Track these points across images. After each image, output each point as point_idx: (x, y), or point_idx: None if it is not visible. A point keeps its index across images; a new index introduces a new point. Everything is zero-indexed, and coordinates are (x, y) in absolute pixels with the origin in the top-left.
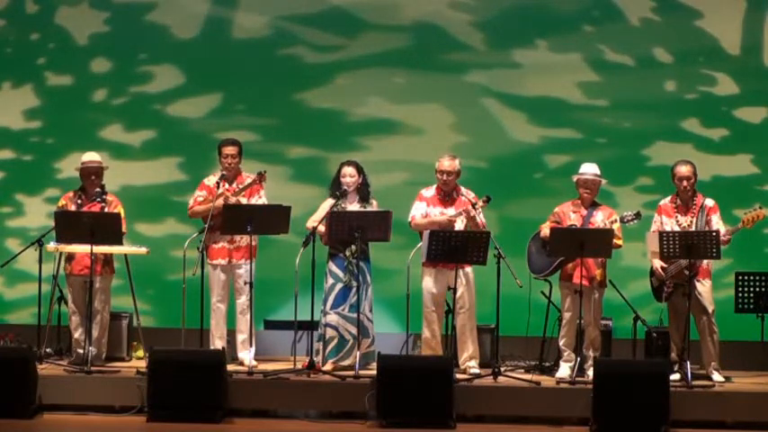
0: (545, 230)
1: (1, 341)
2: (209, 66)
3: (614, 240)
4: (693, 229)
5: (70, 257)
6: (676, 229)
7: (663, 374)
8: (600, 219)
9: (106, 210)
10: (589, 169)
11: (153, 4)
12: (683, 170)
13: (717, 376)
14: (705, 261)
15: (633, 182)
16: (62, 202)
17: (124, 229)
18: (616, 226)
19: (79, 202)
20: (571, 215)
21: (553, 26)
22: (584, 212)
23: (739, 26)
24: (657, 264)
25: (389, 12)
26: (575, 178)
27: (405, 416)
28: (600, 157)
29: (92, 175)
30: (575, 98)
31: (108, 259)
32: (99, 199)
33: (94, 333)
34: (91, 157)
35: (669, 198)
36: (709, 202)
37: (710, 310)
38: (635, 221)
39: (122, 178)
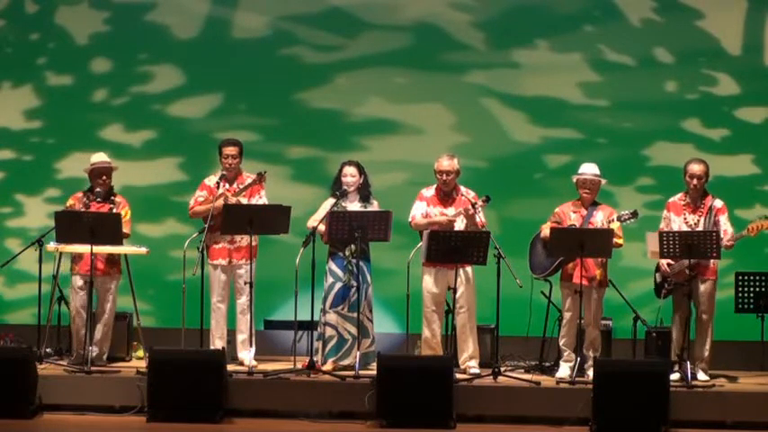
0: (545, 231)
1: (1, 341)
2: (209, 66)
3: (615, 240)
4: (701, 228)
5: (78, 258)
6: (684, 227)
7: (663, 374)
8: (600, 218)
9: (114, 211)
10: (589, 169)
11: (153, 4)
12: (695, 168)
13: (702, 375)
14: (711, 260)
15: (633, 182)
16: (70, 201)
17: (129, 231)
18: (615, 225)
19: (87, 202)
20: (571, 215)
21: (553, 26)
22: (584, 212)
23: (740, 26)
24: (663, 260)
25: (389, 12)
26: (574, 178)
27: (405, 416)
28: (600, 157)
29: (102, 175)
30: (575, 98)
31: (116, 260)
32: (108, 200)
33: (98, 334)
34: (101, 157)
35: (679, 195)
36: (718, 203)
37: (710, 311)
38: (632, 220)
39: (122, 178)
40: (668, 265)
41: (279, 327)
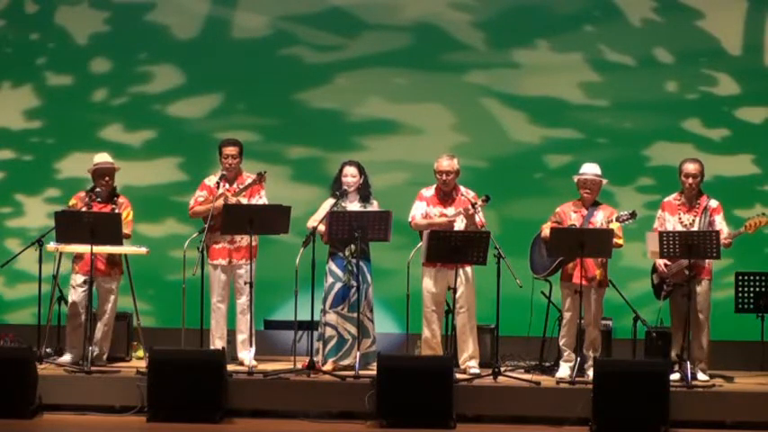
0: (546, 231)
1: (1, 341)
2: (209, 66)
3: (615, 240)
4: (696, 228)
5: (78, 259)
6: (678, 227)
7: (663, 374)
8: (600, 219)
9: (117, 211)
10: (589, 169)
11: (153, 4)
12: (690, 167)
13: (702, 375)
14: (706, 261)
15: (633, 182)
16: (72, 201)
17: (130, 232)
18: (615, 226)
19: (89, 202)
20: (572, 215)
21: (553, 26)
22: (585, 212)
23: (740, 26)
24: (660, 261)
25: (389, 12)
26: (575, 178)
27: (405, 416)
28: (600, 157)
29: (105, 176)
30: (575, 98)
31: (117, 260)
32: (111, 201)
33: (99, 333)
34: (104, 158)
35: (674, 195)
36: (713, 203)
37: (706, 311)
38: (630, 221)
39: (122, 178)
40: (665, 266)
41: (279, 327)
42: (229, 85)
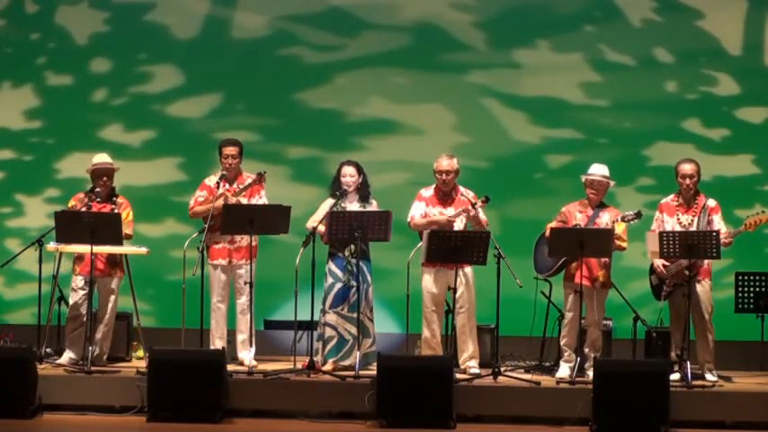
0: (549, 231)
1: (1, 341)
2: (209, 66)
3: (619, 242)
4: (695, 228)
5: (79, 260)
6: (677, 227)
7: (663, 374)
8: (606, 220)
9: (116, 211)
10: (597, 170)
11: (153, 4)
12: (686, 168)
13: (710, 376)
14: (706, 261)
15: (634, 182)
16: (72, 203)
17: (131, 232)
18: (621, 228)
19: (88, 203)
20: (577, 215)
21: (553, 26)
22: (591, 213)
23: (740, 26)
24: (659, 261)
25: (389, 12)
26: (583, 178)
27: (405, 416)
28: (601, 158)
29: (103, 176)
30: (575, 98)
31: (117, 260)
32: (110, 201)
33: (99, 333)
34: (102, 158)
35: (671, 196)
36: (711, 203)
37: (708, 311)
38: (636, 221)
39: (122, 178)
40: (664, 266)
41: (279, 327)
42: (229, 85)
